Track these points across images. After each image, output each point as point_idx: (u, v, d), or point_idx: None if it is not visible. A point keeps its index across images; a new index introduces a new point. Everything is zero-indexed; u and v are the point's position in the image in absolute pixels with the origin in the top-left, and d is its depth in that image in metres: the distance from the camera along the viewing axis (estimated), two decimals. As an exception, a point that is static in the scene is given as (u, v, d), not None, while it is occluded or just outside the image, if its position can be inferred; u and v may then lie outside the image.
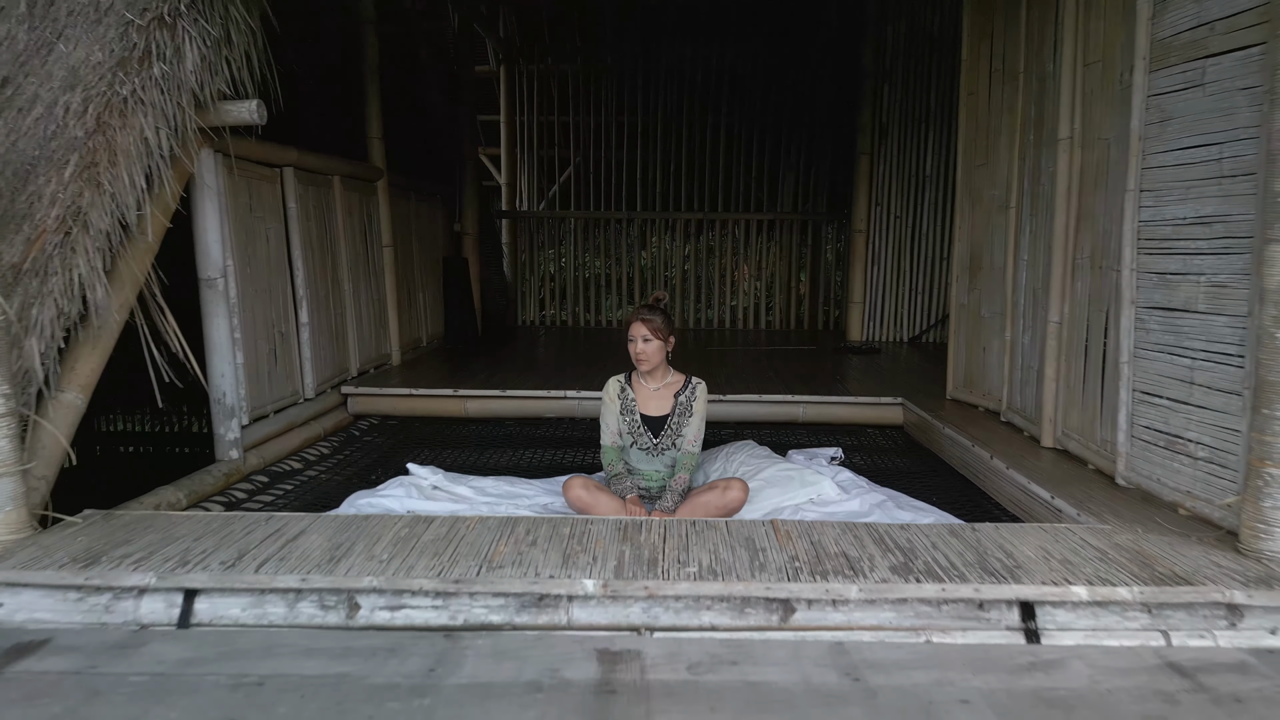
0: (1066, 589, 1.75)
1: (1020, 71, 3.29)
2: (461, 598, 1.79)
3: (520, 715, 1.46)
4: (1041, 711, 1.49)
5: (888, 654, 1.70)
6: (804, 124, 7.36)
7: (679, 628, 1.78)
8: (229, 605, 1.81)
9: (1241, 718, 1.47)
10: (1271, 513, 1.86)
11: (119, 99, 2.55)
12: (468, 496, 2.94)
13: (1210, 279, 2.11)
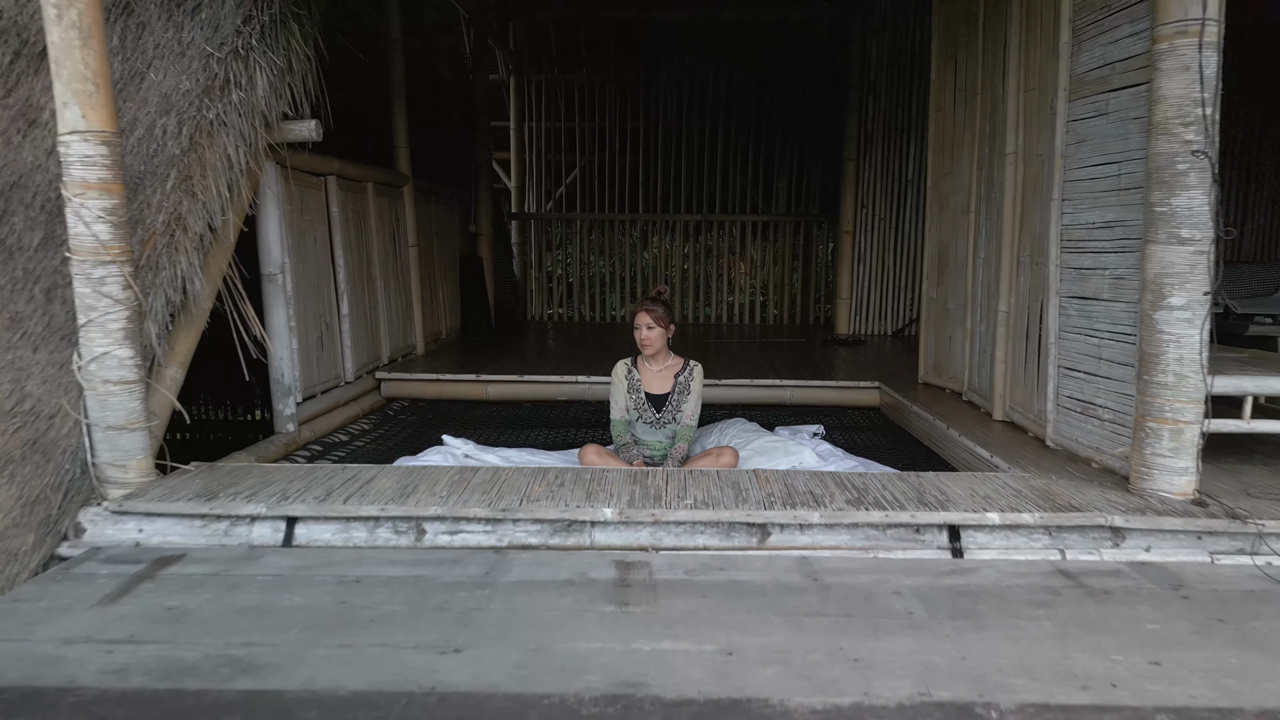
0: (984, 515, 2.23)
1: (978, 93, 3.77)
2: (506, 524, 2.27)
3: (559, 600, 1.94)
4: (953, 599, 1.97)
5: (842, 564, 2.18)
6: (796, 131, 7.84)
7: (679, 548, 2.26)
8: (322, 530, 2.28)
9: (1104, 604, 1.95)
10: (1152, 458, 2.34)
11: (206, 121, 3.03)
12: (495, 464, 3.41)
13: (1112, 273, 2.59)
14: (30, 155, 2.99)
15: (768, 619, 1.84)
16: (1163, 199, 2.25)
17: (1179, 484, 2.31)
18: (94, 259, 2.31)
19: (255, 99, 3.20)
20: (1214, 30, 2.16)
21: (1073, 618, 1.87)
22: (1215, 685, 1.58)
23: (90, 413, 2.36)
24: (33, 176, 2.93)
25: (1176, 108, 2.20)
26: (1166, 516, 2.21)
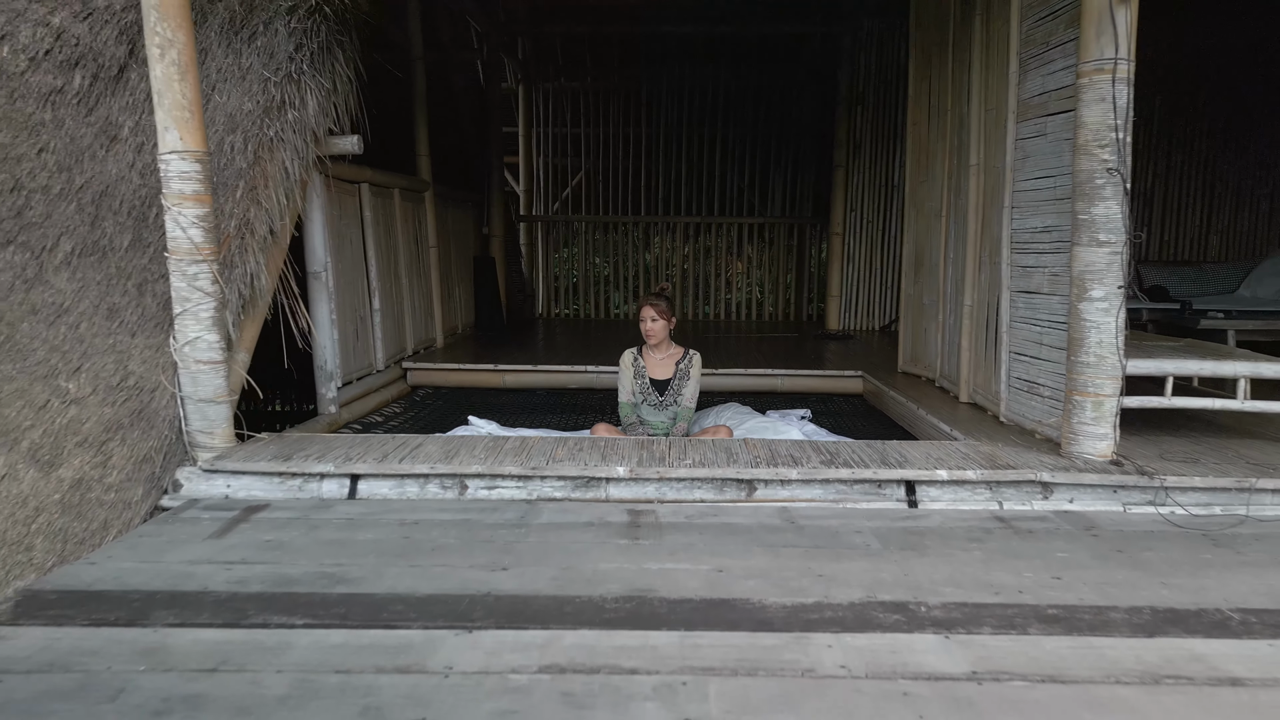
0: (934, 472, 2.67)
1: (948, 110, 4.21)
2: (535, 480, 2.71)
3: (582, 536, 2.38)
4: (904, 537, 2.41)
5: (815, 512, 2.62)
6: (790, 138, 8.28)
7: (680, 500, 2.70)
8: (380, 486, 2.73)
9: (1027, 540, 2.40)
10: (1077, 426, 2.78)
11: (267, 139, 3.47)
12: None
13: (1050, 270, 3.04)
14: (114, 168, 3.44)
15: (751, 549, 2.29)
16: (1085, 208, 2.69)
17: (1099, 447, 2.75)
18: (189, 258, 2.76)
19: (307, 118, 3.64)
20: (1125, 68, 2.60)
21: (999, 549, 2.31)
22: (1100, 593, 2.03)
23: (184, 387, 2.81)
24: (118, 187, 3.38)
25: (1095, 132, 2.64)
26: (1087, 473, 2.65)
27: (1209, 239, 6.99)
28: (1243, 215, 6.96)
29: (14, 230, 3.24)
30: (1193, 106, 6.85)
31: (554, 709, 1.49)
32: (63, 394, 2.77)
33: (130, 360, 2.88)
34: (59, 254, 3.18)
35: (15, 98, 3.65)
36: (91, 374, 2.85)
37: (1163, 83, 6.76)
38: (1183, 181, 6.95)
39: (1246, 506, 2.60)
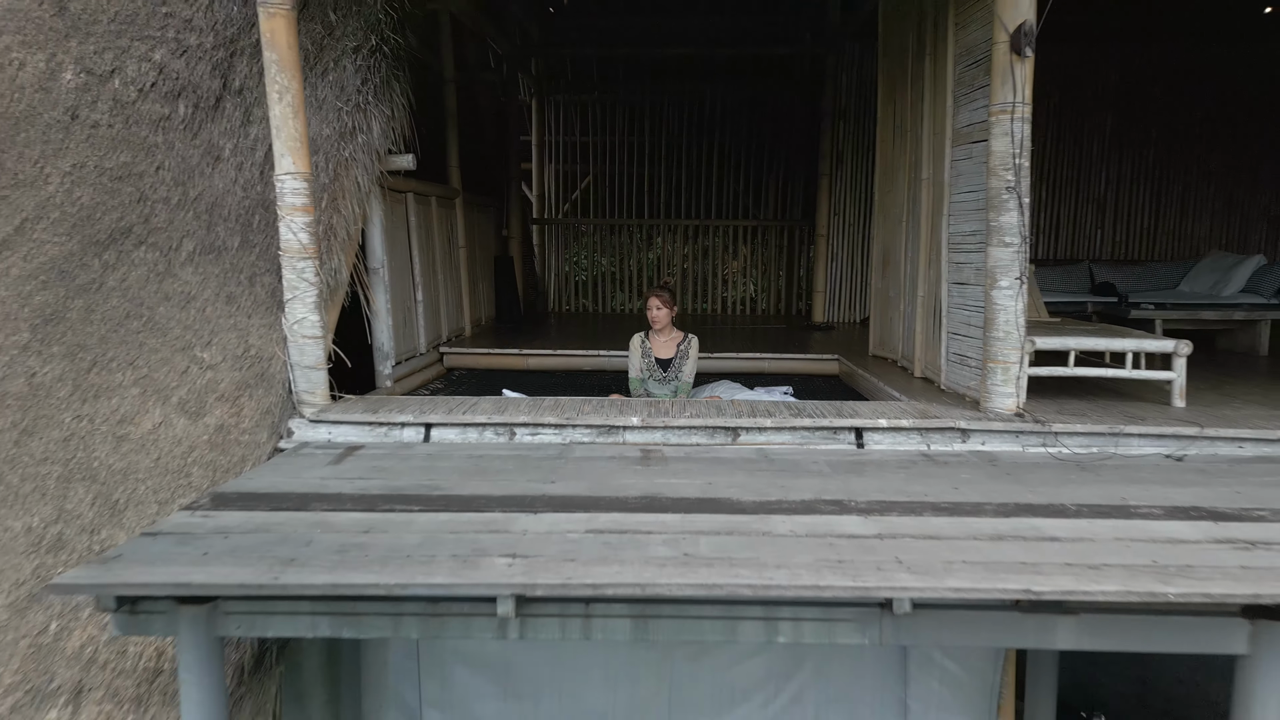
0: (876, 421, 3.47)
1: (907, 131, 5.00)
2: (568, 428, 3.51)
3: (606, 464, 3.18)
4: (849, 465, 3.21)
5: (784, 451, 3.42)
6: (781, 148, 9.07)
7: (680, 443, 3.50)
8: (448, 433, 3.53)
9: (943, 467, 3.20)
10: (990, 387, 3.58)
11: (343, 159, 4.27)
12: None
13: (974, 266, 3.83)
14: (220, 183, 4.24)
15: (734, 473, 3.09)
16: (995, 217, 3.49)
17: (1007, 403, 3.55)
18: (298, 256, 3.56)
19: (372, 140, 4.44)
20: (1023, 109, 3.40)
21: (919, 473, 3.11)
22: (983, 495, 2.82)
23: (292, 357, 3.60)
24: (225, 198, 4.18)
25: (1000, 158, 3.44)
26: (995, 422, 3.45)
27: (1157, 240, 7.78)
28: (1186, 219, 7.75)
29: (144, 233, 4.05)
30: (1141, 121, 7.65)
31: (597, 550, 2.29)
32: (200, 362, 3.58)
33: (250, 336, 3.68)
34: (183, 252, 3.98)
35: (130, 123, 4.47)
36: (220, 346, 3.65)
37: (1115, 101, 7.57)
38: (1133, 188, 7.75)
39: (1115, 447, 3.40)
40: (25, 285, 3.86)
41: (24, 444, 3.35)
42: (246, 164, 4.30)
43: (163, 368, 3.57)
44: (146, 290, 3.84)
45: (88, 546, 3.11)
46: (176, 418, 3.41)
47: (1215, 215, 7.71)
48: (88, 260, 3.96)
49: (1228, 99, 7.57)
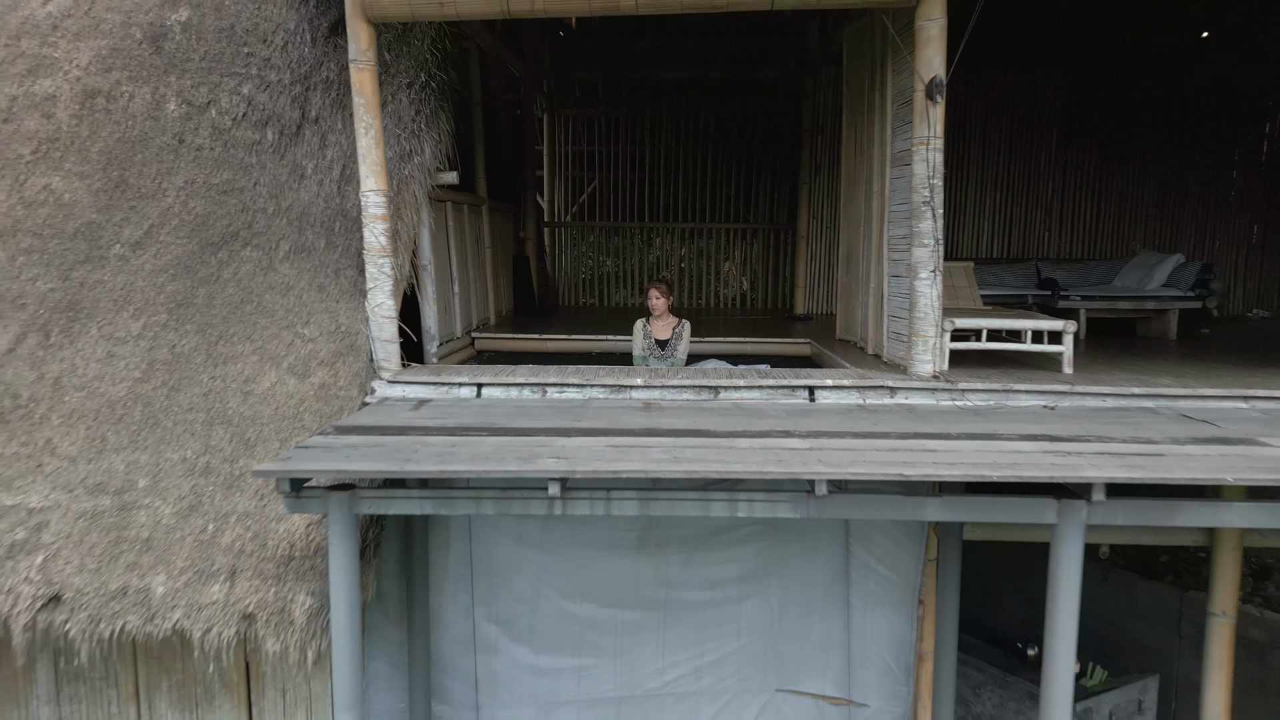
0: (824, 381, 4.54)
1: (865, 149, 6.05)
2: (587, 387, 4.58)
3: (618, 410, 4.25)
4: (801, 412, 4.27)
5: (753, 403, 4.49)
6: (769, 159, 10.13)
7: (674, 399, 4.57)
8: (494, 391, 4.59)
9: (872, 414, 4.27)
10: (913, 355, 4.64)
11: (404, 176, 5.33)
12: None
13: (905, 262, 4.89)
14: (306, 196, 5.31)
15: (713, 416, 4.15)
16: (916, 225, 4.56)
17: (926, 368, 4.61)
18: (378, 254, 4.62)
19: (425, 160, 5.50)
20: (936, 143, 4.46)
21: (853, 417, 4.18)
22: (892, 428, 3.89)
23: (373, 332, 4.67)
24: (311, 209, 5.25)
25: (920, 180, 4.50)
26: (915, 382, 4.52)
27: (1096, 241, 8.85)
28: (1123, 222, 8.83)
29: (249, 236, 5.12)
30: (1083, 137, 8.73)
31: (614, 454, 3.35)
32: (302, 337, 4.65)
33: (339, 316, 4.75)
34: (281, 251, 5.05)
35: (228, 146, 5.56)
36: (316, 324, 4.72)
37: (1060, 119, 8.65)
38: (1076, 195, 8.82)
39: (1007, 400, 4.47)
40: (158, 278, 4.94)
41: (174, 397, 4.42)
42: (326, 180, 5.37)
43: (273, 341, 4.64)
44: (254, 281, 4.91)
45: (229, 471, 4.18)
46: (288, 378, 4.49)
47: (1149, 219, 8.78)
48: (205, 258, 5.03)
49: (1161, 116, 8.64)
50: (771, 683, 4.76)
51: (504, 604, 4.60)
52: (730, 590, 4.63)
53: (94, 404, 4.42)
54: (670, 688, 4.74)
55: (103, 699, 4.82)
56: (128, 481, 4.15)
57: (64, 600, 3.84)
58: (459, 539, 4.53)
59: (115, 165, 5.50)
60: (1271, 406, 4.35)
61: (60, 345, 4.67)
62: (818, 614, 4.70)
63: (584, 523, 4.51)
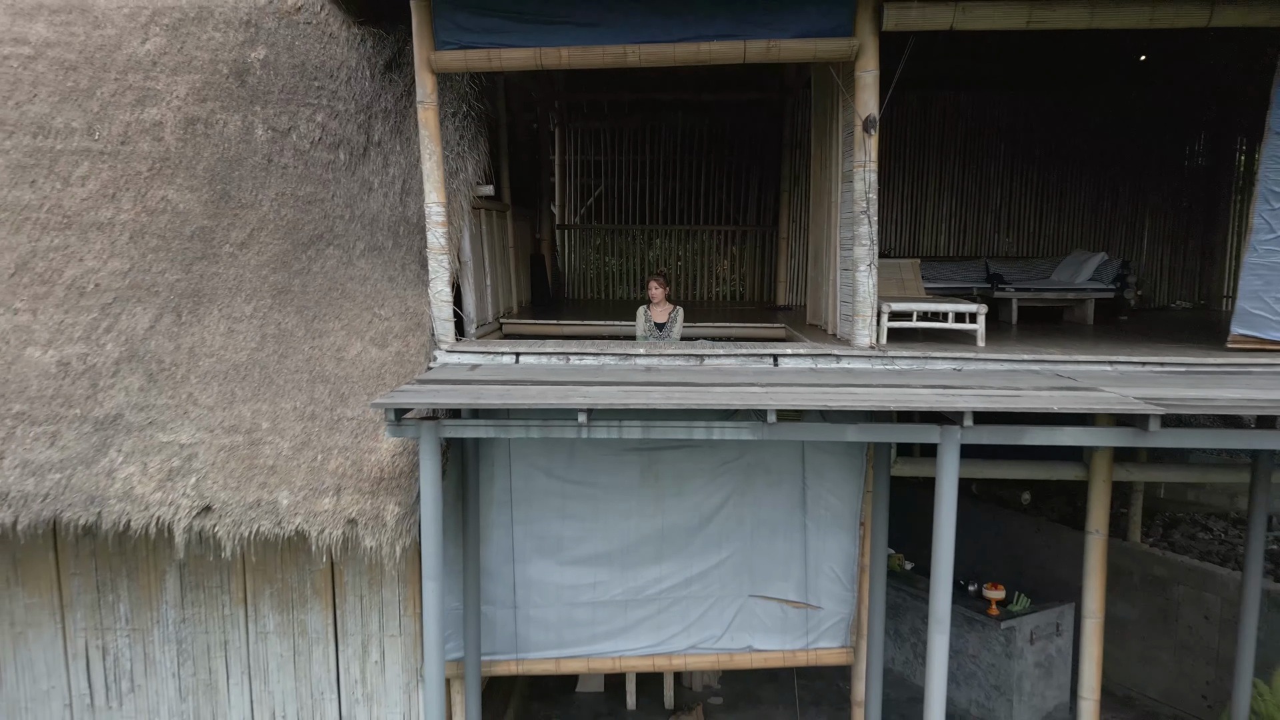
0: (784, 349, 5.90)
1: (827, 166, 7.40)
2: (601, 355, 5.94)
3: (627, 371, 5.61)
4: (766, 371, 5.64)
5: (730, 366, 5.86)
6: (757, 168, 11.49)
7: (669, 365, 5.93)
8: (529, 358, 5.96)
9: (818, 374, 5.62)
10: (854, 332, 5.99)
11: (452, 190, 6.68)
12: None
13: (851, 257, 6.25)
14: (375, 205, 6.67)
15: (698, 375, 5.51)
16: (856, 229, 5.91)
17: (865, 341, 5.97)
18: (438, 252, 5.98)
19: (469, 177, 6.85)
20: (871, 166, 5.80)
21: (804, 375, 5.53)
22: (829, 381, 5.25)
23: (434, 313, 6.02)
24: (379, 216, 6.61)
25: (859, 194, 5.86)
26: (855, 350, 5.88)
27: (1039, 241, 10.21)
28: (1062, 225, 10.18)
29: (331, 238, 6.48)
30: (1028, 150, 10.08)
31: (625, 395, 4.70)
32: (380, 317, 6.00)
33: (407, 301, 6.11)
34: (357, 250, 6.41)
35: (309, 165, 6.91)
36: (390, 307, 6.07)
37: (1007, 134, 10.00)
38: (1021, 201, 10.18)
39: (925, 365, 5.82)
40: (262, 271, 6.30)
41: (283, 362, 5.78)
42: (390, 193, 6.74)
43: (357, 319, 6.00)
44: (338, 273, 6.27)
45: (330, 417, 5.53)
46: (370, 348, 5.84)
47: (1084, 223, 10.14)
48: (298, 255, 6.39)
49: (1096, 132, 9.99)
50: (746, 589, 6.12)
51: (535, 524, 5.95)
52: (712, 516, 5.98)
53: (222, 367, 5.78)
54: (666, 594, 6.10)
55: (218, 603, 6.18)
56: (254, 424, 5.51)
57: (213, 509, 5.20)
58: (501, 473, 5.88)
59: (218, 180, 6.86)
60: (1127, 369, 5.71)
61: (189, 323, 6.03)
62: (781, 535, 6.05)
63: (598, 462, 5.86)
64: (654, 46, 5.70)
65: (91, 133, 7.17)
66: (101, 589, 6.15)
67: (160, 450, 5.39)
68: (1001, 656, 7.51)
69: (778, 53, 5.76)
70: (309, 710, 6.26)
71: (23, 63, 7.66)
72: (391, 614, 6.18)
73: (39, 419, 5.50)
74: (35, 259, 6.35)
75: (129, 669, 6.24)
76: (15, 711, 6.32)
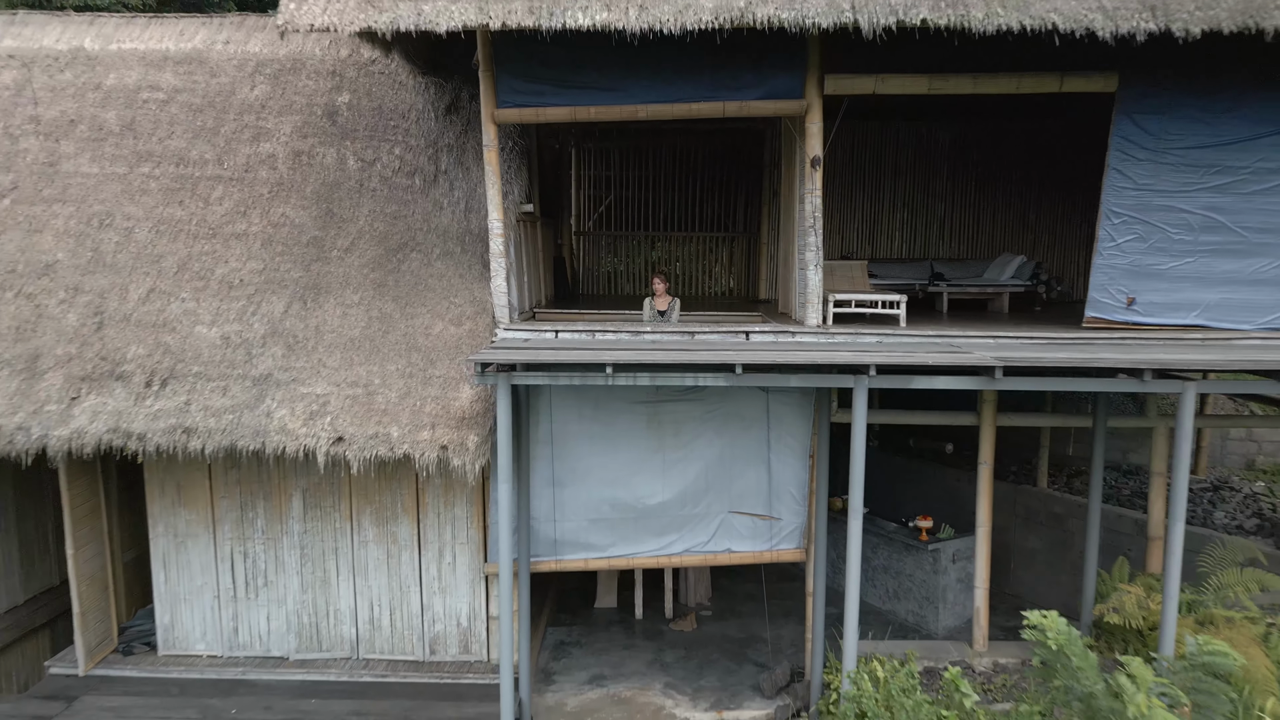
0: (754, 328, 8.12)
1: (792, 188, 9.60)
2: (619, 332, 8.16)
3: (637, 343, 7.82)
4: (739, 343, 7.85)
5: (713, 340, 8.08)
6: (744, 183, 13.69)
7: (668, 340, 8.15)
8: (565, 334, 8.18)
9: (777, 345, 7.85)
10: (807, 315, 8.21)
11: (505, 208, 8.88)
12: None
13: (803, 259, 8.44)
14: (445, 220, 8.89)
15: (691, 345, 7.73)
16: (805, 239, 8.12)
17: (814, 322, 8.18)
18: (498, 256, 8.18)
19: (516, 197, 9.05)
20: (815, 192, 8.01)
21: (767, 346, 7.75)
22: (785, 348, 7.46)
23: (494, 300, 8.23)
24: (449, 228, 8.84)
25: (808, 213, 8.07)
26: (805, 328, 8.09)
27: (976, 245, 12.42)
28: (996, 232, 12.40)
29: (413, 245, 8.71)
30: (965, 168, 12.29)
31: (637, 356, 6.91)
32: (454, 304, 8.21)
33: (474, 292, 8.32)
34: (434, 254, 8.63)
35: (392, 189, 9.14)
36: (461, 297, 8.29)
37: (949, 155, 12.21)
38: (961, 212, 12.39)
39: (857, 338, 8.03)
40: (363, 270, 8.52)
41: (386, 336, 7.99)
42: (456, 211, 8.95)
43: (437, 306, 8.21)
44: (421, 272, 8.48)
45: (424, 375, 7.73)
46: (449, 326, 8.05)
47: (1013, 230, 12.35)
48: (390, 258, 8.61)
49: (1022, 154, 12.20)
50: (725, 507, 8.32)
51: (570, 458, 8.14)
52: (700, 450, 8.18)
53: (341, 340, 7.99)
54: (666, 511, 8.29)
55: (330, 519, 8.40)
56: (368, 381, 7.71)
57: (344, 439, 7.40)
58: (545, 419, 8.07)
59: (323, 200, 9.08)
60: (1005, 341, 7.91)
61: (313, 309, 8.24)
62: (751, 465, 8.25)
63: (615, 412, 8.03)
64: (658, 105, 7.92)
65: (221, 163, 9.39)
66: (244, 508, 8.37)
67: (302, 399, 7.59)
68: (930, 573, 9.71)
69: (748, 110, 7.99)
70: (398, 600, 8.47)
71: (159, 105, 9.88)
72: (461, 527, 8.39)
73: (212, 376, 7.71)
74: (192, 261, 8.56)
75: (263, 569, 8.45)
76: (176, 602, 8.53)
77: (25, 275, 8.38)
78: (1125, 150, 7.89)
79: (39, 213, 8.88)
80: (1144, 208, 8.00)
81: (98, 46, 10.45)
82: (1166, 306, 8.14)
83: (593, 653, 9.19)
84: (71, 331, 7.97)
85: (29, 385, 7.55)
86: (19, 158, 9.33)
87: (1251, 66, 7.48)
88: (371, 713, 7.78)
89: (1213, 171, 7.84)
